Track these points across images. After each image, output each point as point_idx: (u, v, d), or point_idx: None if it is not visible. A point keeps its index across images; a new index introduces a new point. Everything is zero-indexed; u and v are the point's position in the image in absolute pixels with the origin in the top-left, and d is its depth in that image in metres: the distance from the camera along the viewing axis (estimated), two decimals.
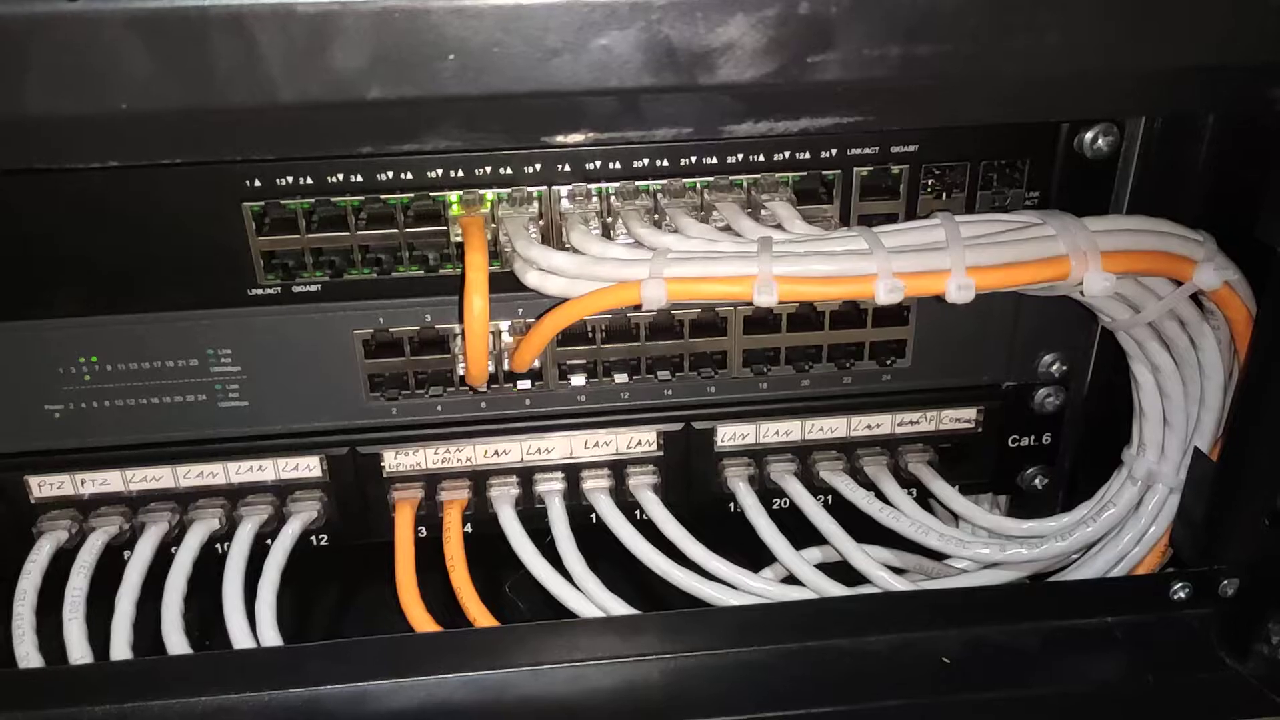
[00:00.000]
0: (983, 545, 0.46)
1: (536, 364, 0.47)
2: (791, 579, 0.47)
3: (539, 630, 0.42)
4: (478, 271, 0.40)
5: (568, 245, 0.43)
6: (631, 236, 0.42)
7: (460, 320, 0.43)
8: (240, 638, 0.42)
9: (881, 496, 0.49)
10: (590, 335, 0.47)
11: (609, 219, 0.44)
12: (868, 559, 0.46)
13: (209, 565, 0.47)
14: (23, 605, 0.44)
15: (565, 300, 0.41)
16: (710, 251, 0.40)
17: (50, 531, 0.47)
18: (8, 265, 0.43)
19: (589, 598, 0.44)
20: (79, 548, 0.47)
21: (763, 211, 0.44)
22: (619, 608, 0.44)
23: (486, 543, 0.49)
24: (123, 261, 0.43)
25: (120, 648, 0.42)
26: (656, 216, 0.44)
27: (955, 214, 0.41)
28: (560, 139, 0.32)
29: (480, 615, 0.44)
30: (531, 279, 0.41)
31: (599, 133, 0.32)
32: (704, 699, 0.40)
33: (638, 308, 0.39)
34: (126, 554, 0.48)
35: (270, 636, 0.43)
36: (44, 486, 0.47)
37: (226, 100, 0.27)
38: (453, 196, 0.43)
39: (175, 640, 0.42)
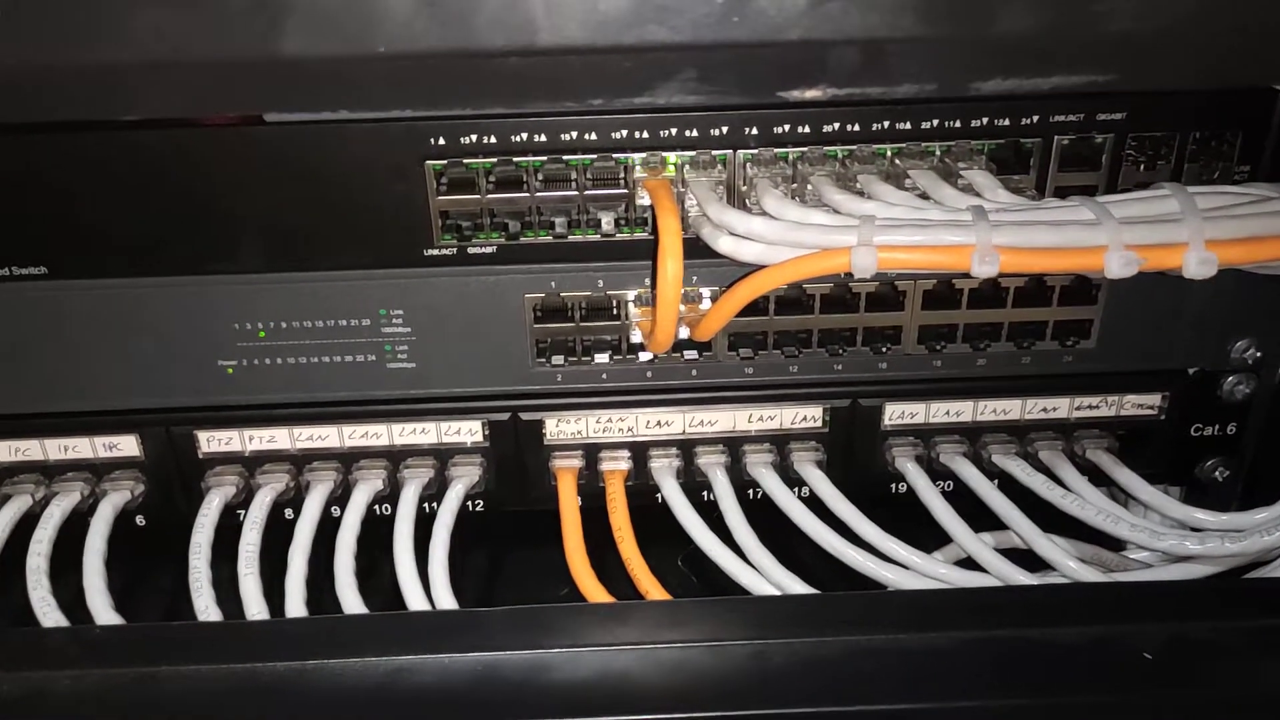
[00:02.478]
0: (1179, 537, 0.44)
1: None
2: (966, 564, 0.45)
3: (716, 605, 0.41)
4: (672, 235, 0.39)
5: (756, 211, 0.41)
6: (826, 203, 0.41)
7: (653, 285, 0.42)
8: (415, 600, 0.42)
9: (1058, 483, 0.47)
10: (763, 307, 0.46)
11: (794, 184, 0.43)
12: (1055, 547, 0.44)
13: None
14: (198, 559, 0.44)
15: (756, 268, 0.40)
16: (919, 219, 0.38)
17: (218, 486, 0.47)
18: (191, 220, 0.43)
19: (764, 575, 0.43)
20: (241, 505, 0.47)
21: (959, 180, 0.42)
22: (796, 586, 0.43)
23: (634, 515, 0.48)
24: (304, 219, 0.43)
25: (295, 604, 0.42)
26: (844, 183, 0.42)
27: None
28: (797, 95, 0.31)
29: (652, 588, 0.43)
30: (724, 245, 0.40)
31: (839, 89, 0.31)
32: (889, 684, 0.38)
33: (840, 276, 0.38)
34: (289, 513, 0.48)
35: (445, 599, 0.42)
36: (212, 442, 0.48)
37: (487, 42, 0.26)
38: (636, 158, 0.42)
39: (350, 599, 0.42)
